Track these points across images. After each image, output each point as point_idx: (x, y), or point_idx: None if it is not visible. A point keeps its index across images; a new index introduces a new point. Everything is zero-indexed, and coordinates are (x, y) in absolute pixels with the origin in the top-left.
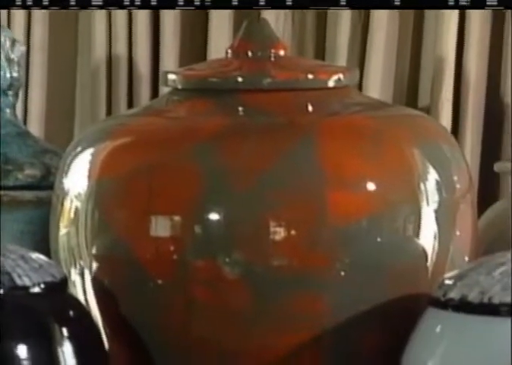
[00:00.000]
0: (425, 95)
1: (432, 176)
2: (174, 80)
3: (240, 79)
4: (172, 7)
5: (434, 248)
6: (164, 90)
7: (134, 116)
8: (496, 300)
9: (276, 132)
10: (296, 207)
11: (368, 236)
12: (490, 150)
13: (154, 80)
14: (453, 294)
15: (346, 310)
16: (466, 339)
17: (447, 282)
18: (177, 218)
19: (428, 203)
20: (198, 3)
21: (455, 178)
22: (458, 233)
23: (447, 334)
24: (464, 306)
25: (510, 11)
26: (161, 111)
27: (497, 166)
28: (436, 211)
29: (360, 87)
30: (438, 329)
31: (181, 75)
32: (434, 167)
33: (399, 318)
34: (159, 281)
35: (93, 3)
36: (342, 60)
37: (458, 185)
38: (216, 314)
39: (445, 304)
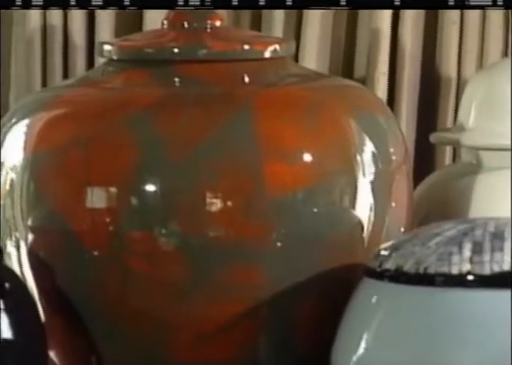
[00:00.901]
0: (361, 67)
1: (368, 147)
2: (109, 51)
3: (176, 50)
4: (172, 7)
5: (369, 219)
6: (100, 60)
7: (70, 87)
8: (431, 270)
9: (212, 103)
10: (232, 178)
11: (304, 207)
12: (425, 122)
13: (89, 51)
14: (389, 265)
15: (282, 281)
16: (402, 309)
17: (383, 253)
18: (113, 189)
19: (364, 174)
20: (198, 3)
21: (391, 149)
22: (394, 204)
23: (383, 304)
24: (400, 277)
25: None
26: (97, 82)
27: (433, 137)
28: (372, 182)
29: (296, 58)
30: (374, 300)
31: (117, 46)
32: (371, 139)
33: (335, 288)
34: (96, 253)
35: (93, 3)
36: (278, 31)
37: (394, 157)
38: (152, 285)
39: (381, 275)
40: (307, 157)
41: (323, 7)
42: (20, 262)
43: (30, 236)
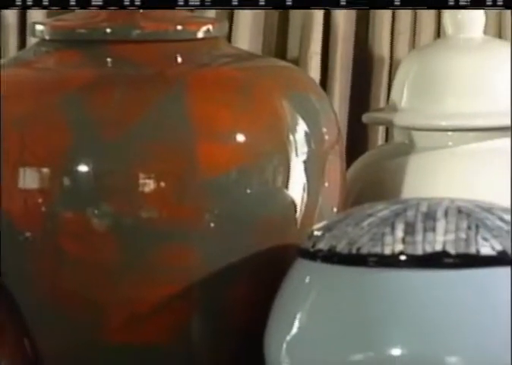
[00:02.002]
0: (294, 47)
1: (301, 127)
2: (42, 31)
3: (108, 30)
4: (172, 8)
5: (303, 199)
6: (32, 40)
7: (2, 67)
8: (364, 251)
9: (145, 83)
10: (165, 158)
11: (237, 188)
12: (358, 102)
13: (22, 31)
14: (322, 245)
15: (216, 262)
16: (335, 289)
17: (316, 233)
18: (45, 170)
19: (297, 154)
20: (198, 3)
21: (324, 129)
22: (327, 184)
23: (316, 284)
24: (332, 257)
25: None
26: (29, 62)
27: (366, 118)
28: (305, 163)
29: (229, 38)
30: (307, 280)
31: (49, 26)
32: (303, 119)
33: (268, 269)
34: (28, 234)
35: (93, 3)
36: (211, 11)
37: (327, 137)
38: (84, 266)
39: (314, 255)
40: (240, 138)
41: (324, 7)
42: None
43: None
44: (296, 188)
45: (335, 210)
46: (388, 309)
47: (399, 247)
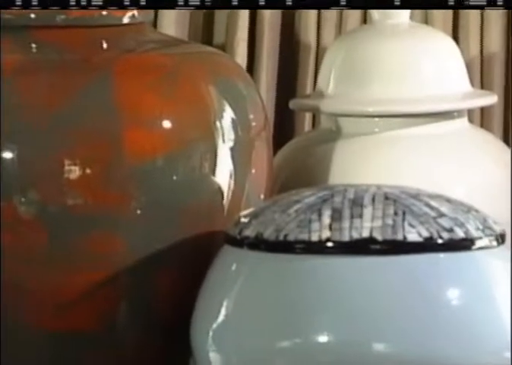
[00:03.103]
0: (220, 33)
1: (228, 113)
2: None
3: (33, 15)
4: (172, 8)
5: (230, 186)
6: None
7: None
8: (291, 238)
9: (70, 69)
10: (91, 145)
11: (163, 175)
12: (285, 88)
13: None
14: (249, 232)
15: (142, 249)
16: (262, 277)
17: (243, 220)
18: None
19: (223, 141)
20: (198, 3)
21: (251, 116)
22: (254, 170)
23: (243, 271)
24: (259, 244)
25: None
26: None
27: (293, 104)
28: (232, 149)
29: (155, 24)
30: (234, 267)
31: None
32: (230, 105)
33: (195, 256)
34: None
35: (93, 3)
36: None
37: (254, 123)
38: (13, 254)
39: (241, 242)
40: (166, 124)
41: (324, 8)
42: None
43: None
44: (223, 175)
45: (262, 197)
46: (315, 296)
47: (326, 234)
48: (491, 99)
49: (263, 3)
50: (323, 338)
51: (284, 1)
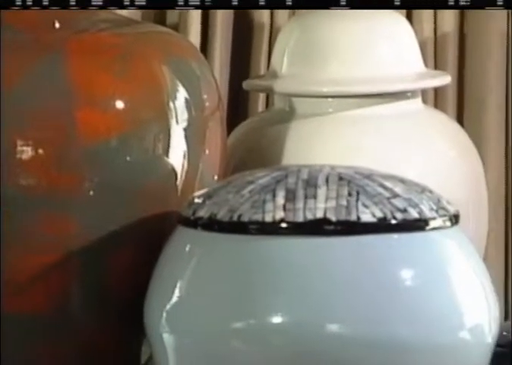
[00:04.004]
0: (174, 13)
1: (181, 93)
2: None
3: None
4: (172, 7)
5: (183, 166)
6: None
7: None
8: (245, 218)
9: (22, 49)
10: (44, 126)
11: (117, 155)
12: (239, 68)
13: None
14: (203, 213)
15: (96, 230)
16: (216, 257)
17: (197, 201)
18: None
19: (177, 121)
20: (198, 3)
21: (204, 96)
22: (207, 151)
23: (197, 252)
24: (213, 225)
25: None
26: None
27: (246, 84)
28: (185, 129)
29: None
30: (187, 248)
31: None
32: (184, 85)
33: (149, 237)
34: None
35: (93, 3)
36: None
37: (207, 103)
38: None
39: (194, 223)
40: (119, 104)
41: (323, 7)
42: None
43: None
44: (177, 155)
45: (216, 177)
46: (269, 277)
47: (279, 214)
48: (444, 79)
49: (263, 3)
50: (277, 319)
51: (284, 1)
